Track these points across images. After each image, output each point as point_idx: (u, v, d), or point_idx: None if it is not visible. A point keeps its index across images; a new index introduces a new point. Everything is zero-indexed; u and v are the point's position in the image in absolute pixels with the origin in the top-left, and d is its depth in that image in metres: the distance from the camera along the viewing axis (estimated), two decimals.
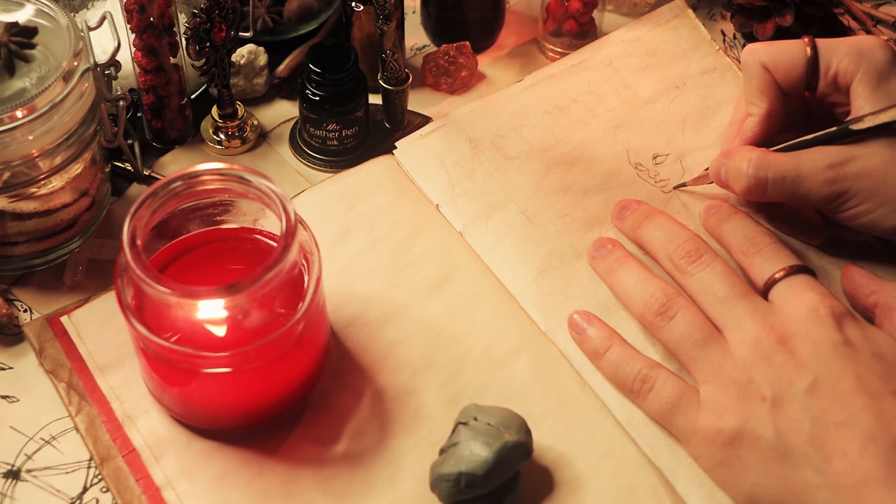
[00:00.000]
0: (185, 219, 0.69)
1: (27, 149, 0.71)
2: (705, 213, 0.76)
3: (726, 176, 0.75)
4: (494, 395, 0.70)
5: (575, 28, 0.90)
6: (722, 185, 0.76)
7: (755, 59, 0.75)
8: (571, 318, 0.73)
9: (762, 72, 0.75)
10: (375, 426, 0.69)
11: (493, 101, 0.85)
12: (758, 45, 0.76)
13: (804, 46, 0.74)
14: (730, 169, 0.74)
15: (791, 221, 0.77)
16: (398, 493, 0.66)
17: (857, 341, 0.65)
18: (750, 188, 0.73)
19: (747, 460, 0.64)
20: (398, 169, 0.82)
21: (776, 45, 0.75)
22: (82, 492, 0.67)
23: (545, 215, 0.78)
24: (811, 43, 0.74)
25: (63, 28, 0.72)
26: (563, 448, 0.68)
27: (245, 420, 0.68)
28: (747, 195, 0.74)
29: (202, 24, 0.78)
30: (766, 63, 0.75)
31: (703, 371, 0.67)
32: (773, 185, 0.72)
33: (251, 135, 0.86)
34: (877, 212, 0.71)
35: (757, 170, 0.72)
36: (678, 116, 0.85)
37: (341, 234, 0.78)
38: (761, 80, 0.75)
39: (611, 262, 0.74)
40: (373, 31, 0.84)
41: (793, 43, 0.75)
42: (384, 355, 0.72)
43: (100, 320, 0.73)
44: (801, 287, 0.68)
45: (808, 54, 0.74)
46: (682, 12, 0.91)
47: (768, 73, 0.75)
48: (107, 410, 0.70)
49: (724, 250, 0.74)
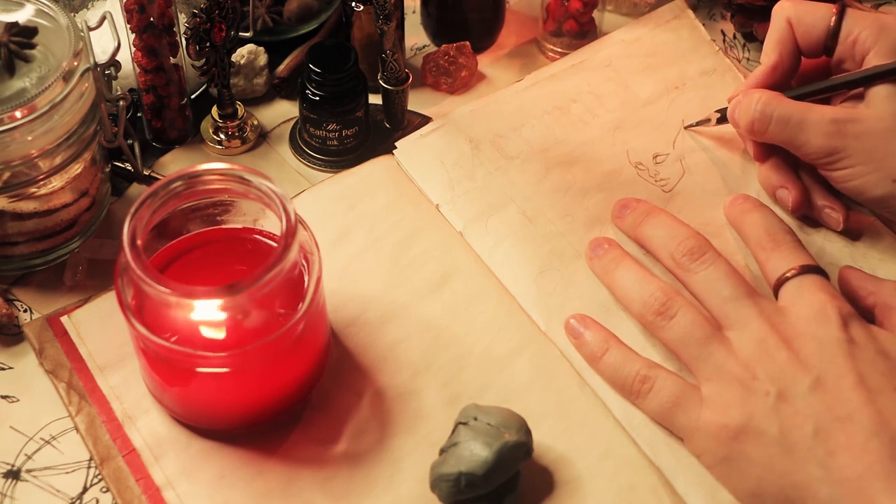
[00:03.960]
0: (186, 219, 0.69)
1: (27, 149, 0.71)
2: (730, 204, 0.77)
3: (738, 112, 0.77)
4: (494, 395, 0.70)
5: (575, 28, 0.90)
6: (733, 124, 0.79)
7: (782, 13, 0.78)
8: (568, 322, 0.73)
9: (784, 26, 0.78)
10: (375, 426, 0.69)
11: (493, 101, 0.85)
12: (789, 2, 0.79)
13: (831, 12, 0.77)
14: (741, 104, 0.77)
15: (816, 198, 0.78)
16: (398, 493, 0.66)
17: (861, 340, 0.65)
18: (753, 123, 0.76)
19: (751, 455, 0.64)
20: (398, 169, 0.82)
21: (805, 4, 0.78)
22: (82, 492, 0.67)
23: (545, 215, 0.78)
24: (839, 9, 0.76)
25: (63, 28, 0.72)
26: (563, 448, 0.68)
27: (245, 420, 0.68)
28: (750, 131, 0.77)
29: (202, 24, 0.78)
30: (790, 18, 0.78)
31: (705, 369, 0.67)
32: (777, 124, 0.75)
33: (251, 135, 0.86)
34: (867, 177, 0.73)
35: (765, 106, 0.75)
36: (678, 117, 0.85)
37: (341, 234, 0.78)
38: (781, 33, 0.78)
39: (607, 262, 0.74)
40: (373, 31, 0.84)
41: (822, 5, 0.78)
42: (384, 355, 0.72)
43: (100, 320, 0.73)
44: (811, 287, 0.68)
45: (833, 19, 0.76)
46: (682, 13, 0.91)
47: (789, 29, 0.78)
48: (107, 410, 0.70)
49: (725, 248, 0.74)
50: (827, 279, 0.69)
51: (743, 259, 0.76)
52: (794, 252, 0.71)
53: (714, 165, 0.82)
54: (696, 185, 0.81)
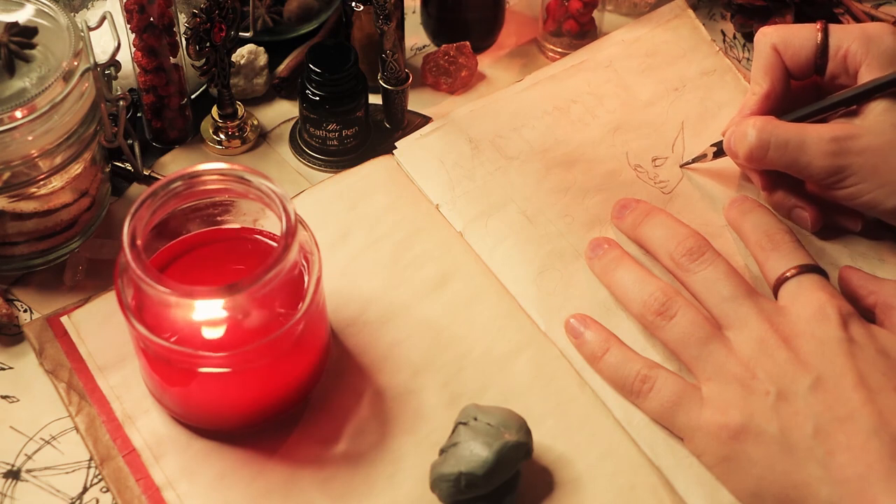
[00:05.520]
0: (186, 219, 0.69)
1: (27, 149, 0.71)
2: (729, 205, 0.77)
3: (734, 142, 0.76)
4: (494, 395, 0.70)
5: (575, 28, 0.90)
6: (730, 154, 0.77)
7: (766, 40, 0.77)
8: (568, 322, 0.73)
9: (771, 53, 0.77)
10: (375, 426, 0.69)
11: (493, 101, 0.85)
12: (771, 28, 0.77)
13: (816, 30, 0.76)
14: (736, 134, 0.76)
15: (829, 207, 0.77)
16: (398, 493, 0.66)
17: (861, 339, 0.65)
18: (752, 151, 0.74)
19: (752, 455, 0.64)
20: (398, 169, 0.82)
21: (788, 28, 0.77)
22: (82, 492, 0.67)
23: (545, 215, 0.78)
24: (823, 27, 0.76)
25: (63, 28, 0.72)
26: (563, 448, 0.68)
27: (245, 420, 0.68)
28: (749, 160, 0.75)
29: (202, 24, 0.78)
30: (776, 44, 0.76)
31: (705, 369, 0.67)
32: (775, 149, 0.73)
33: (251, 135, 0.86)
34: (876, 192, 0.72)
35: (760, 132, 0.74)
36: (678, 118, 0.85)
37: (341, 234, 0.78)
38: (768, 60, 0.77)
39: (607, 262, 0.74)
40: (373, 31, 0.84)
41: (805, 26, 0.76)
42: (384, 355, 0.72)
43: (100, 320, 0.73)
44: (810, 286, 0.68)
45: (819, 37, 0.75)
46: (682, 13, 0.91)
47: (776, 55, 0.76)
48: (107, 410, 0.70)
49: (725, 249, 0.74)
50: (826, 279, 0.69)
51: (743, 260, 0.76)
52: (793, 252, 0.71)
53: (714, 167, 0.82)
54: (696, 186, 0.81)
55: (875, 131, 0.72)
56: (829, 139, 0.72)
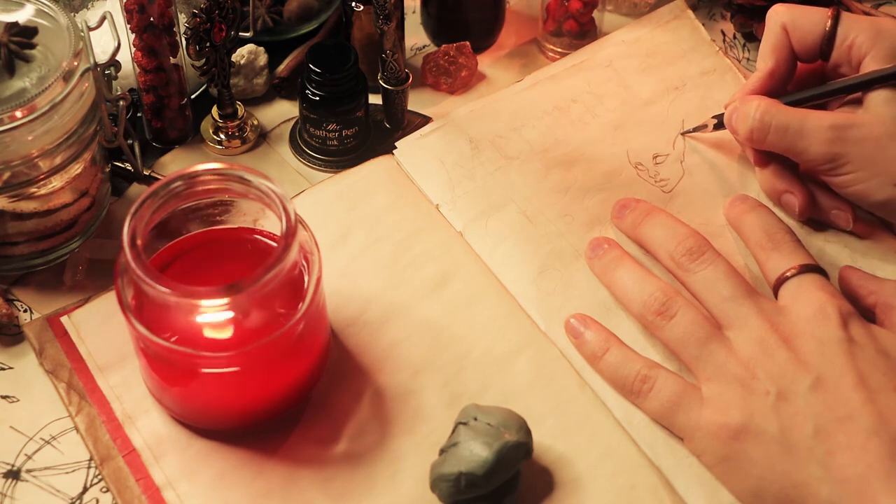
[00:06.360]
0: (185, 219, 0.69)
1: (27, 149, 0.71)
2: (729, 204, 0.77)
3: (736, 120, 0.77)
4: (494, 395, 0.70)
5: (575, 28, 0.90)
6: (731, 130, 0.78)
7: (777, 18, 0.78)
8: (568, 322, 0.73)
9: (779, 31, 0.77)
10: (375, 426, 0.69)
11: (493, 101, 0.85)
12: (783, 7, 0.78)
13: (826, 16, 0.76)
14: (739, 112, 0.77)
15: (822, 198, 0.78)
16: (398, 493, 0.66)
17: (861, 339, 0.65)
18: (752, 131, 0.75)
19: (752, 455, 0.64)
20: (398, 169, 0.82)
21: (800, 9, 0.78)
22: (82, 492, 0.67)
23: (545, 215, 0.78)
24: (834, 14, 0.76)
25: (63, 28, 0.72)
26: (563, 448, 0.68)
27: (245, 420, 0.68)
28: (749, 140, 0.76)
29: (202, 24, 0.78)
30: (786, 24, 0.77)
31: (705, 369, 0.67)
32: (775, 132, 0.74)
33: (251, 135, 0.86)
34: (869, 182, 0.73)
35: (763, 114, 0.75)
36: (678, 117, 0.85)
37: (341, 234, 0.78)
38: (776, 39, 0.78)
39: (607, 262, 0.74)
40: (373, 31, 0.84)
41: (817, 10, 0.77)
42: (384, 355, 0.72)
43: (100, 320, 0.73)
44: (810, 286, 0.68)
45: (829, 24, 0.76)
46: (682, 13, 0.91)
47: (784, 35, 0.77)
48: (107, 410, 0.70)
49: (725, 249, 0.74)
50: (826, 278, 0.69)
51: (743, 259, 0.76)
52: (793, 252, 0.71)
53: (714, 167, 0.82)
54: (696, 185, 0.81)
55: (874, 122, 0.73)
56: (828, 126, 0.73)
